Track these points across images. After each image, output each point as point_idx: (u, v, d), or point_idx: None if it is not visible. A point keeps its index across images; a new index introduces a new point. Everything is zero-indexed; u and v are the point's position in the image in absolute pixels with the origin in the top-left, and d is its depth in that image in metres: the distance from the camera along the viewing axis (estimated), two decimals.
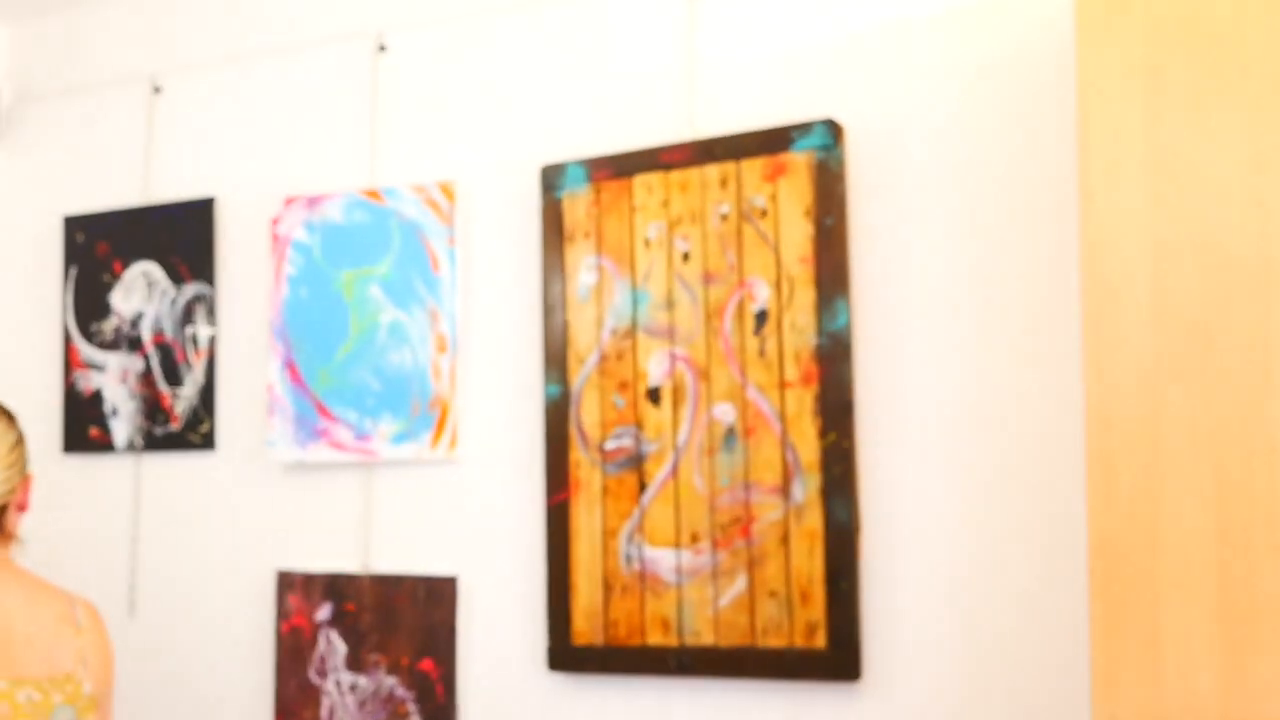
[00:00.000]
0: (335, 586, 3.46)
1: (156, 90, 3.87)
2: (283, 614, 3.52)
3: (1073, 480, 2.69)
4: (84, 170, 3.97)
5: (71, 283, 3.91)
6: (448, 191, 3.38)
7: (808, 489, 2.91)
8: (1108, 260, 2.25)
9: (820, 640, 2.87)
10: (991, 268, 2.83)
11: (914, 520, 2.87)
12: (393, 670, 3.36)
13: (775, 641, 2.92)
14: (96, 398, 3.84)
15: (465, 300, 3.38)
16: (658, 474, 3.07)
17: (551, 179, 3.23)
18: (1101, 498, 2.22)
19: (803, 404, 2.92)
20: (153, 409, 3.76)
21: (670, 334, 3.08)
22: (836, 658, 2.86)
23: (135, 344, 3.79)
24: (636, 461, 3.09)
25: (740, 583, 2.96)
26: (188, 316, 3.73)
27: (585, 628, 3.12)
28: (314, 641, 3.47)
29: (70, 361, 3.89)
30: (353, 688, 3.40)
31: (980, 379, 2.82)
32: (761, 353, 2.98)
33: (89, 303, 3.87)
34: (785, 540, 2.92)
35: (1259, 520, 2.12)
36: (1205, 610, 2.14)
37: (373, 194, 3.47)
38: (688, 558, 3.02)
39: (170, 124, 3.85)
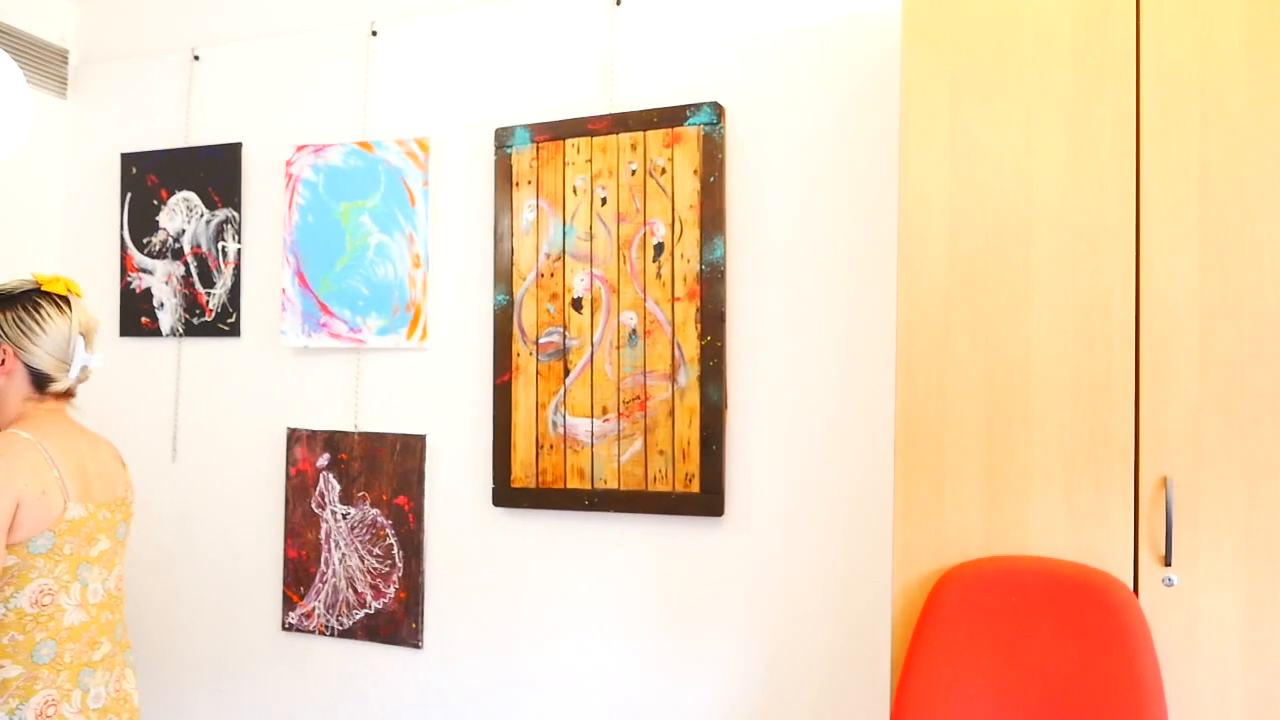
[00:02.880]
0: (332, 440, 3.49)
1: (196, 58, 3.80)
2: (291, 461, 3.54)
3: (884, 373, 2.82)
4: (137, 119, 3.90)
5: (127, 206, 3.85)
6: (423, 145, 3.38)
7: (689, 376, 2.99)
8: (918, 212, 2.34)
9: (695, 486, 2.97)
10: (830, 216, 2.92)
11: (766, 400, 2.97)
12: (376, 504, 3.41)
13: (662, 487, 3.01)
14: (147, 294, 3.80)
15: (435, 229, 3.40)
16: (579, 363, 3.12)
17: (503, 138, 3.24)
18: (906, 386, 2.33)
19: (688, 314, 2.99)
20: (191, 304, 3.73)
21: (590, 259, 3.12)
22: (707, 499, 2.96)
23: (178, 254, 3.76)
24: (563, 353, 3.15)
25: (638, 444, 3.04)
26: (219, 234, 3.70)
27: (521, 474, 3.18)
28: (315, 482, 3.50)
29: (125, 266, 3.84)
30: (345, 516, 3.45)
31: (820, 297, 2.92)
32: (659, 275, 3.03)
33: (141, 222, 3.83)
34: (672, 414, 3.01)
35: (1015, 405, 2.24)
36: (975, 468, 2.27)
37: (365, 145, 3.46)
38: (599, 425, 3.09)
39: (206, 84, 3.79)
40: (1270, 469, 2.07)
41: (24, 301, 2.29)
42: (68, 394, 2.35)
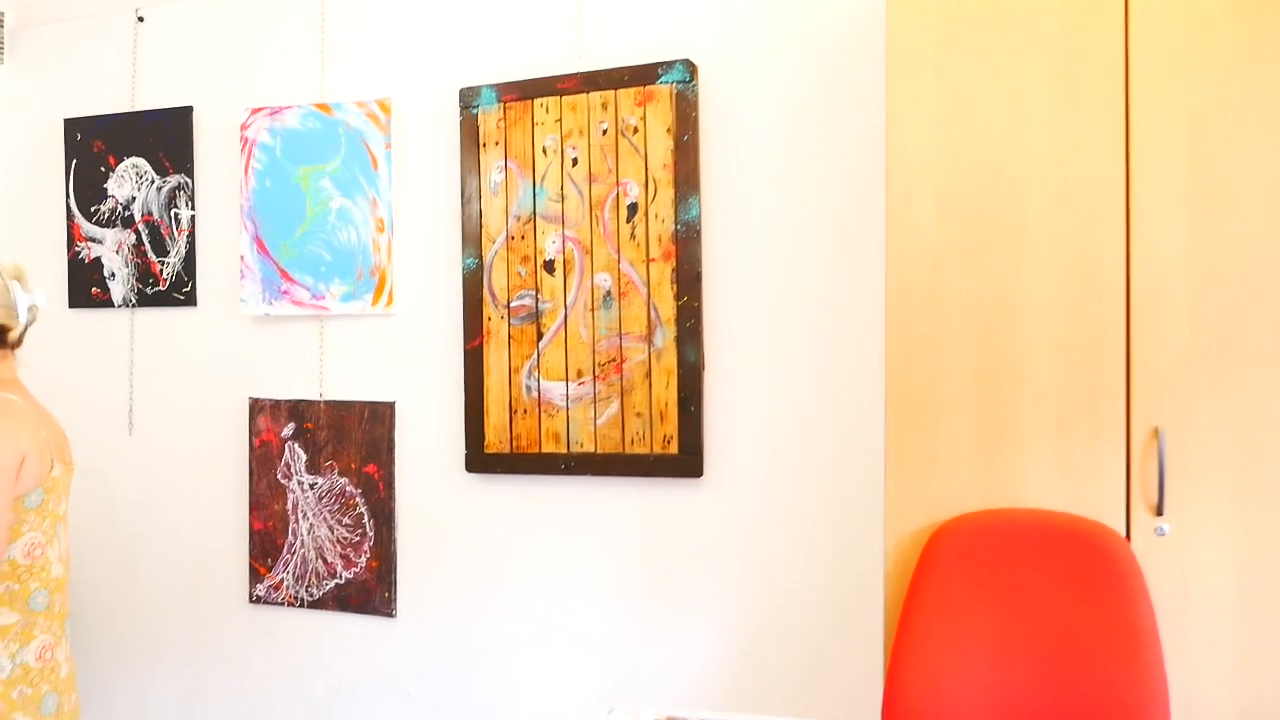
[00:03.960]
0: (297, 410, 3.42)
1: (140, 19, 3.68)
2: (254, 431, 3.48)
3: (867, 330, 2.82)
4: (80, 83, 3.78)
5: (72, 173, 3.73)
6: (385, 107, 3.31)
7: (666, 337, 2.97)
8: (906, 169, 2.34)
9: (673, 448, 2.96)
10: (810, 173, 2.90)
11: (743, 361, 2.96)
12: (344, 473, 3.36)
13: (640, 449, 3.00)
14: (97, 264, 3.69)
15: (399, 192, 3.33)
16: (552, 326, 3.09)
17: (468, 99, 3.19)
18: (897, 341, 2.33)
19: (663, 274, 2.97)
20: (144, 274, 3.63)
21: (562, 220, 3.09)
22: (685, 460, 2.95)
23: (128, 222, 3.65)
24: (535, 316, 3.11)
25: (614, 406, 3.02)
26: (171, 201, 3.60)
27: (495, 440, 3.16)
28: (280, 452, 3.44)
29: (73, 235, 3.73)
30: (312, 486, 3.39)
31: (800, 256, 2.91)
32: (633, 236, 3.01)
33: (88, 189, 3.71)
34: (649, 375, 2.99)
35: (1007, 359, 2.25)
36: (968, 423, 2.28)
37: (323, 107, 3.38)
38: (574, 388, 3.07)
39: (152, 46, 3.67)
40: (1259, 419, 2.10)
41: None
42: (18, 343, 2.34)
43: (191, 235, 3.58)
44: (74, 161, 3.73)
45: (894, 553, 2.33)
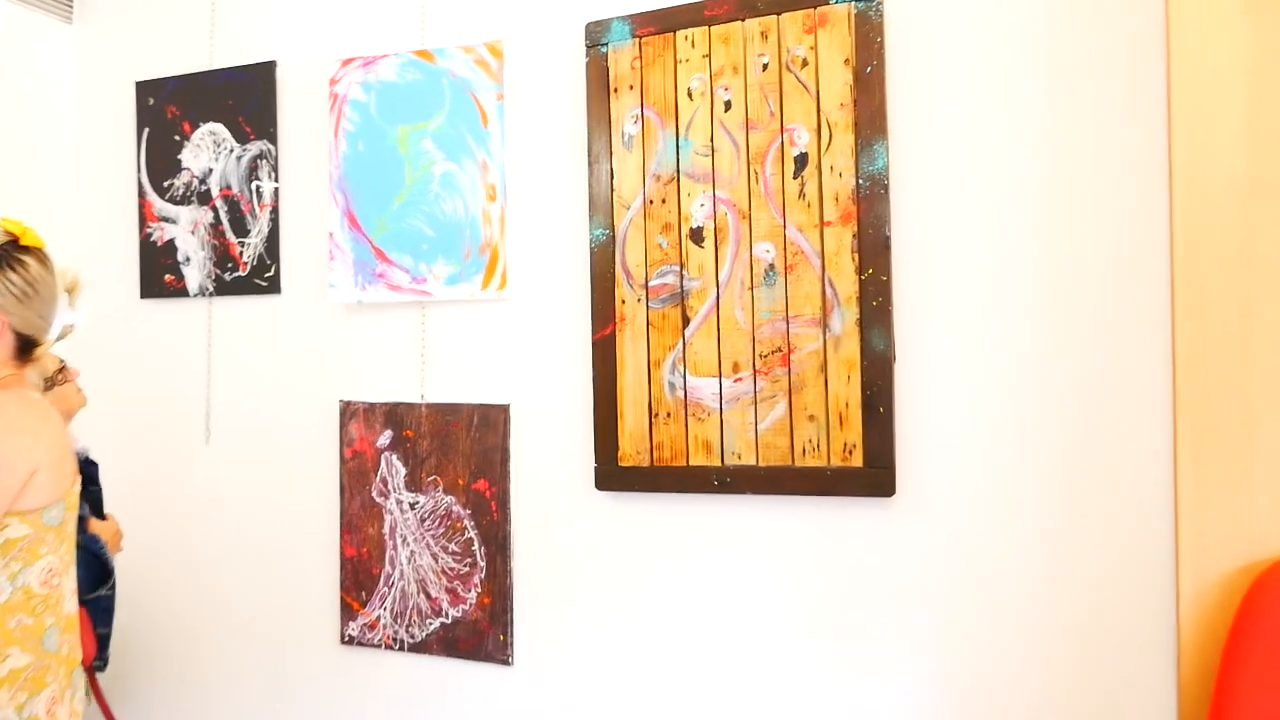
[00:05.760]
0: (394, 415, 2.90)
1: None
2: (346, 440, 2.96)
3: (1137, 305, 2.15)
4: (153, 40, 3.31)
5: (144, 144, 3.27)
6: (495, 51, 2.78)
7: (846, 321, 2.37)
8: (1198, 77, 1.70)
9: (857, 460, 2.36)
10: (1035, 103, 2.27)
11: (948, 349, 2.34)
12: (450, 490, 2.82)
13: (814, 461, 2.40)
14: (170, 247, 3.22)
15: (514, 152, 2.79)
16: (701, 309, 2.52)
17: (596, 35, 2.63)
18: (1189, 321, 1.71)
19: (841, 242, 2.38)
20: (222, 257, 3.15)
21: (712, 179, 2.51)
22: (873, 476, 2.35)
23: (205, 198, 3.17)
24: (680, 298, 2.54)
25: (780, 408, 2.44)
26: (253, 172, 3.11)
27: (631, 450, 2.59)
28: (376, 465, 2.92)
29: (145, 215, 3.26)
30: (413, 506, 2.86)
31: (1023, 213, 2.28)
32: (801, 195, 2.42)
33: (161, 161, 3.24)
34: (824, 369, 2.40)
35: None
36: None
37: (424, 54, 2.85)
38: (730, 386, 2.49)
39: None
40: None
41: (7, 260, 2.00)
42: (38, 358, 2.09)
43: (275, 211, 3.08)
44: (146, 131, 3.26)
45: (1192, 603, 1.70)
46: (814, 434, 2.41)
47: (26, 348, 2.03)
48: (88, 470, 2.45)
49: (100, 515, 2.54)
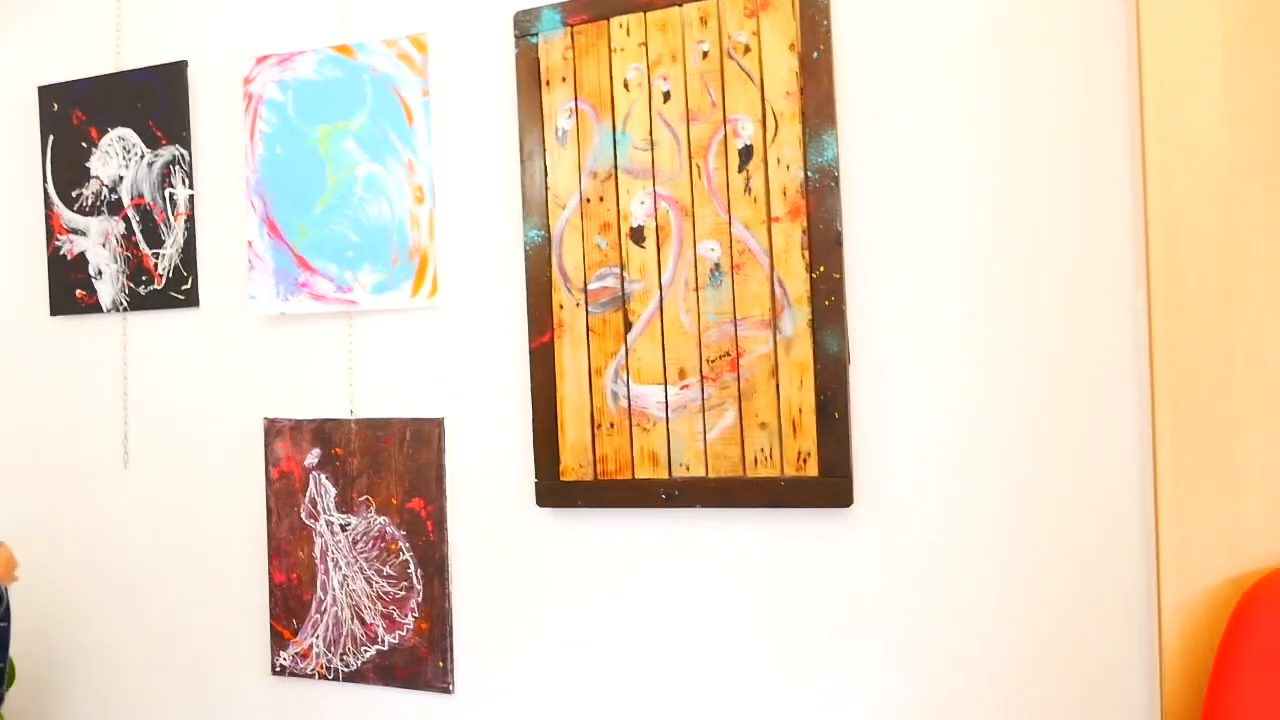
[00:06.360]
0: (322, 432, 2.73)
1: None
2: (271, 460, 2.79)
3: (1107, 296, 2.03)
4: (55, 41, 3.12)
5: (49, 152, 3.08)
6: (419, 44, 2.62)
7: (797, 321, 2.24)
8: (1172, 47, 1.58)
9: (812, 468, 2.23)
10: (1002, 85, 2.15)
11: (908, 349, 2.21)
12: (383, 510, 2.66)
13: (767, 471, 2.27)
14: (81, 261, 3.03)
15: (441, 151, 2.63)
16: (643, 313, 2.38)
17: (525, 25, 2.48)
18: (1167, 313, 1.59)
19: (790, 238, 2.25)
20: (136, 270, 2.96)
21: (652, 174, 2.37)
22: (829, 485, 2.22)
23: (116, 208, 2.99)
24: (621, 301, 2.40)
25: (730, 415, 2.30)
26: (165, 179, 2.93)
27: (573, 464, 2.44)
28: (304, 485, 2.75)
29: (53, 227, 3.07)
30: (344, 527, 2.70)
31: (983, 202, 2.15)
32: (747, 189, 2.28)
33: (67, 170, 3.05)
34: (775, 373, 2.26)
35: None
36: None
37: (344, 49, 2.69)
38: (676, 393, 2.35)
39: None
40: None
41: None
42: None
43: (190, 220, 2.90)
44: (50, 138, 3.07)
45: (1174, 617, 1.58)
46: (766, 442, 2.27)
47: None
48: None
49: None
